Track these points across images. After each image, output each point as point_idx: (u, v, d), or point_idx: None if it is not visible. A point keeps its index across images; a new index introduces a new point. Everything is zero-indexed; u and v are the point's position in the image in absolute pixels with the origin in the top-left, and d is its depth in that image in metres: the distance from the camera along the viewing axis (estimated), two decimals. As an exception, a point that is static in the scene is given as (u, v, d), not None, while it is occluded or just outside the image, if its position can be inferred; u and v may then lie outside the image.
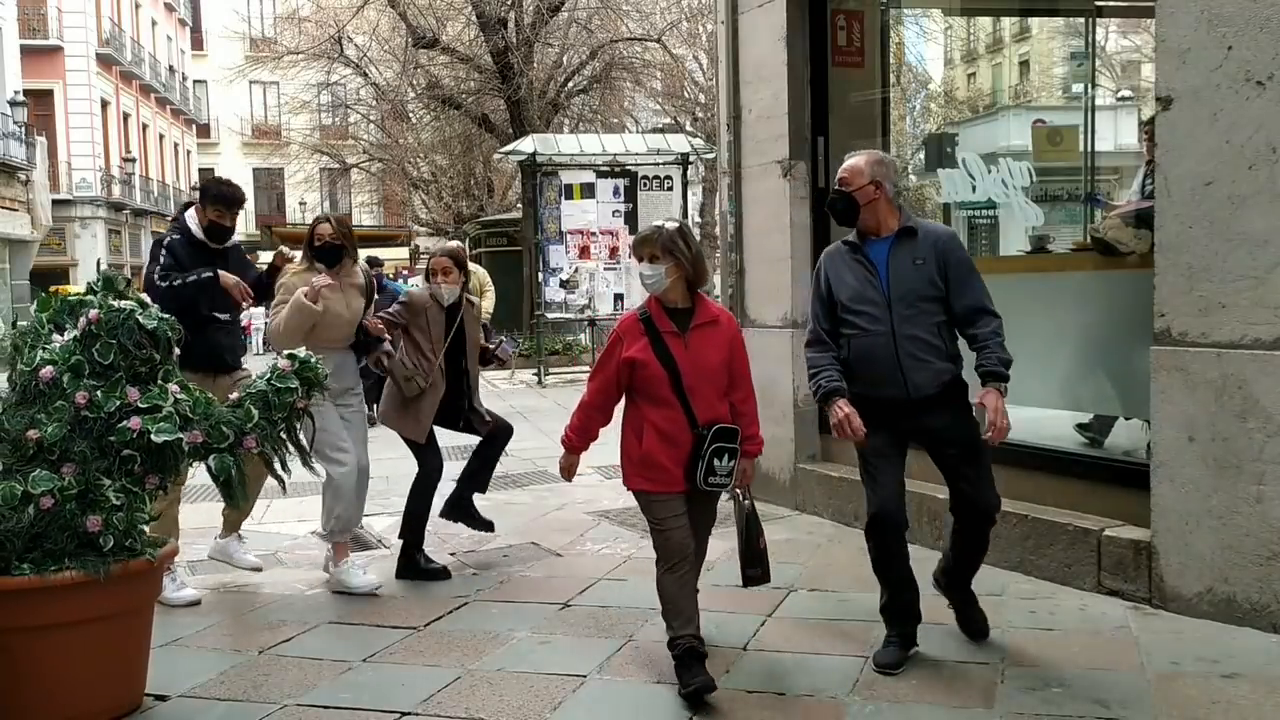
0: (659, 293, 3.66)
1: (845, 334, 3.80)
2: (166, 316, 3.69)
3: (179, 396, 3.56)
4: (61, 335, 3.62)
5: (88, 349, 3.51)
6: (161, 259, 4.90)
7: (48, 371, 3.47)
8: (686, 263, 3.64)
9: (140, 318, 3.57)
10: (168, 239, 5.02)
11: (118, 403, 3.45)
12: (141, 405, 3.46)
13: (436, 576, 5.10)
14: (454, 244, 5.68)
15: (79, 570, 3.29)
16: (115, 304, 3.60)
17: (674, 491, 3.64)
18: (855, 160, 3.86)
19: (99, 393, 3.45)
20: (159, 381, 3.60)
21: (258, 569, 5.30)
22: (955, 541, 3.98)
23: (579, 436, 3.83)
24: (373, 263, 11.81)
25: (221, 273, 4.87)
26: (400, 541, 5.26)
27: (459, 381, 5.27)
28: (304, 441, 3.95)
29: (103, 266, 32.35)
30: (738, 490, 3.77)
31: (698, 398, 3.61)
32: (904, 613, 3.85)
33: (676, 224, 3.73)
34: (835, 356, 3.81)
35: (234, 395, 3.75)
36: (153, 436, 3.43)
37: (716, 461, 3.60)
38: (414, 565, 5.16)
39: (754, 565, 3.81)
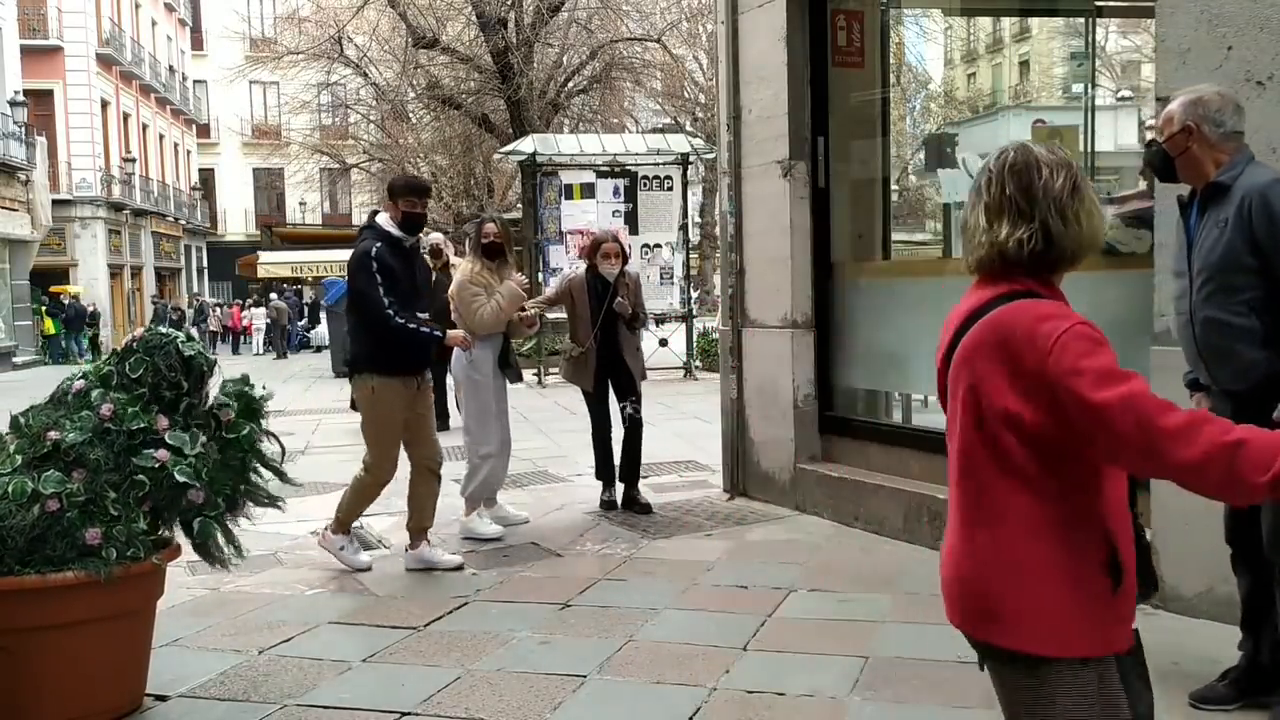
0: None
1: None
2: (206, 351, 3.77)
3: (196, 453, 3.57)
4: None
5: (122, 362, 3.62)
6: (377, 274, 5.04)
7: (79, 384, 3.61)
8: None
9: (181, 345, 3.67)
10: (373, 249, 5.07)
11: (144, 424, 3.51)
12: (169, 441, 3.52)
13: (646, 510, 6.26)
14: (614, 229, 6.74)
15: (82, 570, 3.29)
16: (162, 329, 3.75)
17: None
18: (1171, 105, 3.13)
19: (125, 408, 3.51)
20: (181, 414, 3.62)
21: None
22: None
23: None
24: None
25: (450, 332, 5.42)
26: (398, 543, 5.46)
27: (614, 340, 6.24)
28: (275, 462, 3.90)
29: (103, 267, 32.46)
30: None
31: None
32: (1251, 624, 3.31)
33: None
34: None
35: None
36: (176, 474, 3.47)
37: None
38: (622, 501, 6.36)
39: None
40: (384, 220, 5.25)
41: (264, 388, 3.91)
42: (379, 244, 5.11)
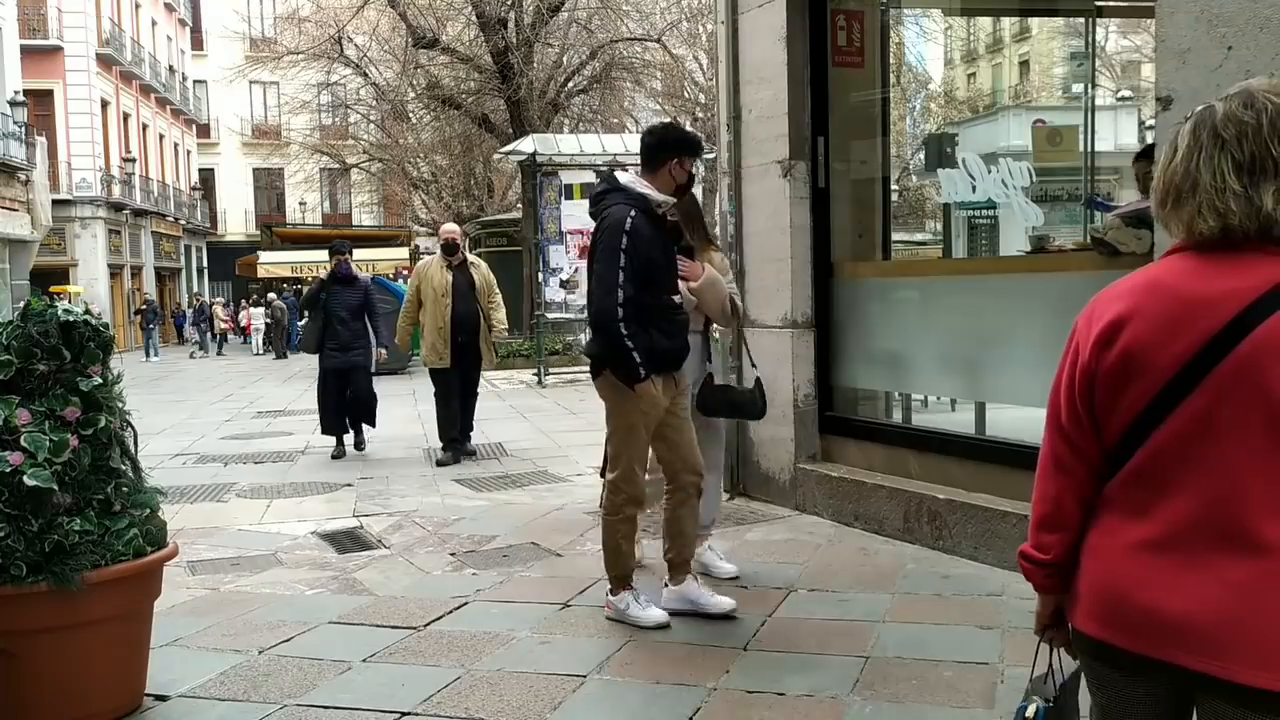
0: None
1: None
2: (96, 321, 3.49)
3: (63, 460, 3.30)
4: None
5: None
6: (623, 253, 3.96)
7: None
8: None
9: (64, 315, 3.40)
10: (629, 219, 3.99)
11: (3, 416, 3.27)
12: (24, 445, 3.26)
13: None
14: None
15: (51, 581, 3.22)
16: (57, 303, 3.49)
17: None
18: None
19: None
20: (60, 391, 3.37)
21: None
22: None
23: None
24: (337, 250, 9.55)
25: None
26: (398, 543, 5.30)
27: None
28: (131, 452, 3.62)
29: (103, 267, 32.46)
30: None
31: None
32: None
33: None
34: None
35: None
36: (25, 479, 3.23)
37: None
38: None
39: None
40: (631, 179, 4.16)
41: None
42: (635, 212, 4.02)
